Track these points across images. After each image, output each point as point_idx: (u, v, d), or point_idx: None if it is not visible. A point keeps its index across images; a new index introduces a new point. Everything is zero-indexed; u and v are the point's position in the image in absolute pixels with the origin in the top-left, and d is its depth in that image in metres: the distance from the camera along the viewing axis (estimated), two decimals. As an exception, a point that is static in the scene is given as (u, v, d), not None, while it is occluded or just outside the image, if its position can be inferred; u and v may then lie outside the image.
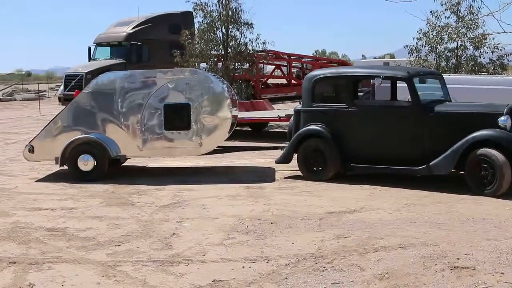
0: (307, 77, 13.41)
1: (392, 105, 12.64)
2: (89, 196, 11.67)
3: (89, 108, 13.47)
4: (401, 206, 10.11)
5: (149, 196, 11.53)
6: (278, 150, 13.88)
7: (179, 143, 13.28)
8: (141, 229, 9.12)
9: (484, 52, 21.84)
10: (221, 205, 10.60)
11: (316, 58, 44.72)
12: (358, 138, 12.20)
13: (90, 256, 7.92)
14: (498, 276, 6.75)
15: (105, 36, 30.69)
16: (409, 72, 12.24)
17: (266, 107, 22.58)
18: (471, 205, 10.10)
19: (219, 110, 13.24)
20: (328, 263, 7.30)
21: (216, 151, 14.33)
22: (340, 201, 10.58)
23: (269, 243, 8.21)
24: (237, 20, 23.74)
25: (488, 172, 10.71)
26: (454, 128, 11.29)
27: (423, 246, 7.87)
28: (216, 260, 7.59)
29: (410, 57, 23.27)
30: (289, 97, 30.31)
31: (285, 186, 12.15)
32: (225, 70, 23.70)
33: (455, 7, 21.61)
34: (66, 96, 27.25)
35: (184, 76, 13.47)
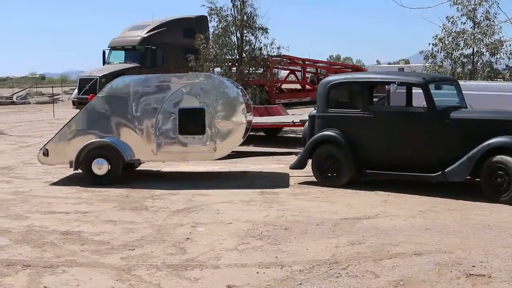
0: (322, 83, 13.38)
1: (407, 111, 12.59)
2: (103, 200, 11.68)
3: (103, 112, 13.49)
4: (416, 213, 10.06)
5: (163, 200, 11.52)
6: (292, 155, 13.90)
7: (193, 148, 13.27)
8: (155, 234, 9.11)
9: (501, 58, 21.73)
10: (235, 210, 10.58)
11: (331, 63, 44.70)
12: (372, 144, 12.15)
13: (104, 260, 7.92)
14: (515, 284, 6.69)
15: (119, 40, 30.75)
16: (424, 78, 12.18)
17: (280, 112, 22.55)
18: (486, 212, 10.03)
19: (233, 115, 13.23)
20: (343, 270, 7.27)
21: (230, 156, 14.35)
22: (355, 207, 10.54)
23: (283, 248, 8.19)
24: (252, 25, 23.74)
25: (504, 179, 10.64)
26: (469, 135, 11.23)
27: (438, 253, 7.82)
28: (230, 265, 7.57)
29: (425, 63, 23.19)
30: (303, 102, 30.26)
31: (299, 191, 12.12)
32: (240, 75, 23.69)
33: (471, 13, 21.52)
34: (80, 100, 27.35)
35: (198, 81, 13.47)
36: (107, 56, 30.87)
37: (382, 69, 60.65)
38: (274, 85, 29.41)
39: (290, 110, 26.21)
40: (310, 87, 31.25)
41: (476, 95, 15.16)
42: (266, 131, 22.07)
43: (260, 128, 20.88)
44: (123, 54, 30.27)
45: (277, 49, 24.04)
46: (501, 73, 21.95)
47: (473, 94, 14.98)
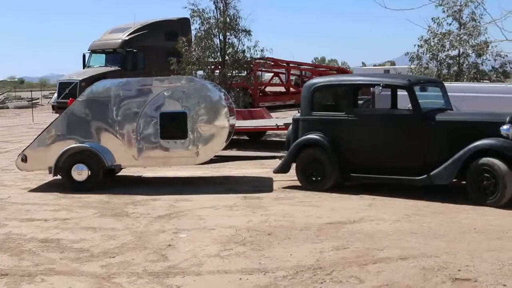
0: (306, 85, 13.28)
1: (392, 114, 12.53)
2: (83, 206, 11.52)
3: (83, 117, 13.32)
4: (401, 217, 9.97)
5: (145, 206, 11.37)
6: (276, 159, 13.79)
7: (175, 153, 13.13)
8: (136, 241, 8.98)
9: (487, 60, 21.77)
10: (218, 216, 10.45)
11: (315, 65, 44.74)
12: (357, 147, 12.06)
13: (84, 268, 7.79)
14: (501, 288, 6.64)
15: (100, 43, 30.56)
16: (409, 80, 12.11)
17: (264, 116, 22.45)
18: (472, 216, 9.96)
19: (216, 118, 13.09)
20: (327, 275, 7.18)
21: (213, 161, 14.21)
22: (339, 212, 10.44)
23: (266, 254, 8.08)
24: (235, 27, 23.60)
25: (490, 182, 10.57)
26: (455, 137, 11.17)
27: (424, 257, 7.75)
28: (212, 272, 7.46)
29: (411, 65, 23.22)
30: (287, 105, 30.21)
31: (283, 196, 12.01)
32: (223, 78, 23.56)
33: (457, 14, 21.53)
34: (60, 104, 27.07)
35: (180, 84, 13.33)
36: (87, 60, 30.65)
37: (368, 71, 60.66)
38: (257, 88, 29.33)
39: (274, 113, 26.18)
40: (294, 89, 31.16)
41: (462, 97, 15.12)
42: (250, 134, 21.95)
43: (244, 131, 20.76)
44: (103, 57, 30.09)
45: (261, 51, 23.92)
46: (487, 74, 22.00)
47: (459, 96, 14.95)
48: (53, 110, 29.29)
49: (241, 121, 19.51)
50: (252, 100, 27.25)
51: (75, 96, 22.18)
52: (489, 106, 14.01)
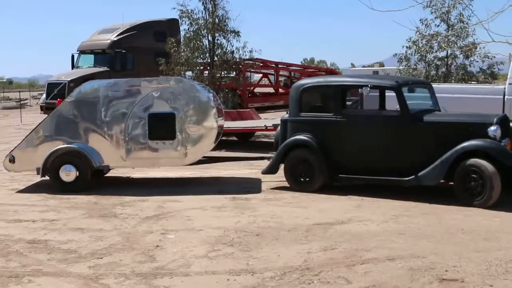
0: (294, 86, 13.29)
1: (380, 115, 12.59)
2: (71, 207, 11.49)
3: (72, 117, 13.29)
4: (389, 218, 9.99)
5: (133, 207, 11.35)
6: (264, 160, 13.75)
7: (164, 153, 13.12)
8: (124, 241, 8.96)
9: (475, 61, 21.83)
10: (206, 217, 10.44)
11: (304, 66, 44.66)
12: (346, 148, 12.07)
13: (71, 269, 7.77)
14: (487, 289, 6.67)
15: (88, 44, 30.51)
16: (397, 81, 12.13)
17: (252, 117, 22.46)
18: (460, 217, 9.99)
19: (204, 119, 13.09)
20: (315, 276, 7.19)
21: (201, 162, 14.21)
22: (328, 213, 10.44)
23: (254, 255, 8.08)
24: (223, 28, 23.62)
25: (478, 183, 10.60)
26: (443, 138, 11.20)
27: (411, 258, 7.76)
28: (200, 273, 7.45)
29: (399, 66, 23.25)
30: (276, 106, 30.19)
31: (271, 197, 12.00)
32: (211, 79, 23.57)
33: (445, 15, 21.57)
34: (48, 105, 27.03)
35: (169, 85, 13.31)
36: (76, 60, 30.59)
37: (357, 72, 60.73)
38: (246, 89, 29.32)
39: (263, 114, 26.17)
40: (283, 90, 31.16)
41: (450, 98, 15.17)
42: (238, 135, 21.94)
43: (232, 132, 20.75)
44: (92, 58, 30.06)
45: (249, 52, 23.97)
46: (475, 75, 22.05)
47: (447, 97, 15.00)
48: (42, 110, 29.23)
49: (230, 122, 19.51)
50: (241, 101, 27.24)
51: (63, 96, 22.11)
52: (477, 107, 14.08)
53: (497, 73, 22.57)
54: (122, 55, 29.04)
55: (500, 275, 7.07)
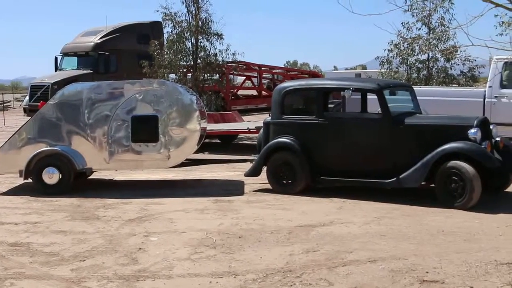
0: (276, 89, 13.32)
1: (362, 117, 12.63)
2: (54, 210, 11.46)
3: (54, 120, 13.25)
4: (371, 220, 10.04)
5: (116, 210, 11.34)
6: (247, 162, 13.79)
7: (147, 156, 13.11)
8: (106, 244, 8.96)
9: (455, 64, 21.96)
10: (189, 219, 10.45)
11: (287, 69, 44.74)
12: (328, 150, 12.11)
13: (54, 272, 7.76)
14: (468, 290, 6.72)
15: (72, 46, 30.44)
16: (379, 84, 12.19)
17: (235, 119, 22.47)
18: (441, 218, 10.05)
19: (187, 122, 13.10)
20: (297, 278, 7.22)
21: (184, 164, 14.21)
22: (310, 215, 10.48)
23: (237, 257, 8.10)
24: (206, 30, 23.65)
25: (458, 185, 10.68)
26: (424, 141, 11.27)
27: (393, 259, 7.81)
28: (183, 275, 7.47)
29: (381, 69, 23.33)
30: (259, 109, 30.23)
31: (254, 199, 12.03)
32: (195, 81, 23.58)
33: (426, 19, 21.69)
34: (31, 107, 26.91)
35: (152, 88, 13.30)
36: (59, 62, 30.52)
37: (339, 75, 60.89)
38: (230, 91, 29.34)
39: (247, 117, 26.20)
40: (266, 93, 31.21)
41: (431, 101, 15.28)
42: (221, 138, 21.95)
43: (215, 135, 20.76)
44: (75, 60, 29.99)
45: (232, 55, 24.00)
46: (456, 78, 22.17)
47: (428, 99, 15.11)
48: (25, 113, 29.08)
49: (213, 125, 19.55)
50: (224, 104, 27.26)
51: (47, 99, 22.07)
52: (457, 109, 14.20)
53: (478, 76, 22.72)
54: (105, 58, 28.99)
55: (480, 276, 7.13)
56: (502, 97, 15.49)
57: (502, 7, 7.32)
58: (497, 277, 7.08)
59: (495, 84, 15.62)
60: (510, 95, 15.38)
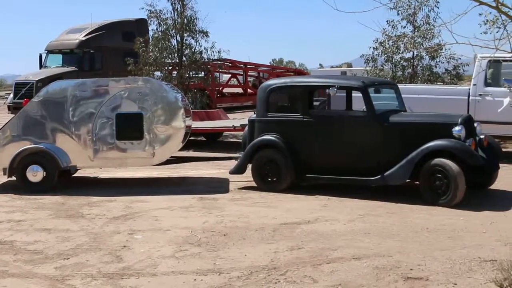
0: (261, 87, 13.32)
1: (347, 115, 12.67)
2: (38, 208, 11.41)
3: (39, 117, 13.19)
4: (355, 217, 10.06)
5: (100, 207, 11.31)
6: (232, 160, 13.75)
7: (132, 153, 13.09)
8: (91, 242, 8.93)
9: (440, 62, 22.05)
10: (174, 217, 10.44)
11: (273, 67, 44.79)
12: (313, 148, 12.13)
13: (37, 270, 7.74)
14: (451, 287, 6.78)
15: (57, 43, 30.33)
16: (364, 82, 12.21)
17: (221, 117, 22.46)
18: (425, 216, 10.09)
19: (172, 119, 13.08)
20: (281, 275, 7.23)
21: (169, 161, 14.19)
22: (295, 212, 10.49)
23: (221, 255, 8.10)
24: (192, 28, 23.58)
25: (443, 182, 10.72)
26: (409, 138, 11.29)
27: (377, 257, 7.84)
28: (167, 273, 7.46)
29: (366, 67, 23.39)
30: (245, 107, 30.25)
31: (239, 197, 12.03)
32: (180, 79, 23.53)
33: (411, 17, 21.76)
34: (15, 105, 26.83)
35: (137, 85, 13.27)
36: (44, 60, 30.40)
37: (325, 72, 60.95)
38: (215, 89, 29.34)
39: (232, 115, 26.18)
40: (252, 91, 31.24)
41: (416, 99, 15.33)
42: (207, 135, 21.93)
43: (200, 132, 20.74)
44: (60, 57, 29.89)
45: (218, 52, 23.96)
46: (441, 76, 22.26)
47: (413, 97, 15.15)
48: (9, 110, 28.95)
49: (198, 122, 19.52)
50: (209, 101, 27.26)
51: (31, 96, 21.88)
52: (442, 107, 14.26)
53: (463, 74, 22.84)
54: (90, 55, 28.92)
55: (464, 273, 7.17)
56: (486, 95, 15.57)
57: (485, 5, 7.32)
58: (480, 274, 7.12)
59: (479, 82, 15.69)
60: (494, 93, 15.47)
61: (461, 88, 16.96)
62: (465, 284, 6.84)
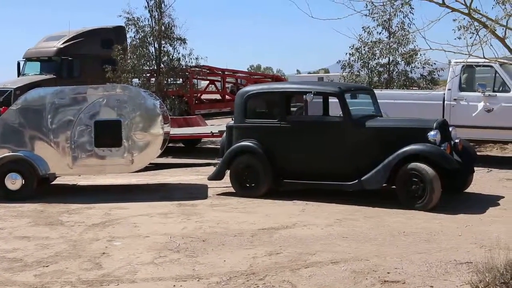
0: (239, 93, 13.39)
1: (323, 121, 12.76)
2: (17, 216, 11.38)
3: (17, 125, 13.17)
4: (333, 221, 10.14)
5: (79, 215, 11.30)
6: (211, 166, 13.78)
7: (110, 161, 13.09)
8: (70, 249, 8.93)
9: (416, 67, 22.24)
10: (153, 223, 10.47)
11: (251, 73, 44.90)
12: (290, 154, 12.20)
13: (17, 277, 7.72)
14: (428, 289, 6.83)
15: (35, 51, 30.15)
16: (340, 87, 12.32)
17: (199, 123, 22.47)
18: (402, 219, 10.19)
19: (150, 126, 13.11)
20: (260, 280, 7.28)
21: (148, 168, 14.20)
22: (273, 217, 10.56)
23: (200, 261, 8.14)
24: (170, 35, 23.62)
25: (419, 186, 10.83)
26: (385, 143, 11.39)
27: (354, 261, 7.91)
28: (146, 279, 7.49)
29: (343, 72, 23.52)
30: (223, 113, 30.33)
31: (217, 203, 12.07)
32: (158, 86, 23.54)
33: (386, 23, 21.92)
34: None
35: (115, 92, 13.30)
36: (22, 68, 30.19)
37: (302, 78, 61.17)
38: (193, 95, 29.37)
39: (210, 121, 26.20)
40: (230, 97, 31.30)
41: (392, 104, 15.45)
42: (185, 142, 21.94)
43: (179, 139, 20.75)
44: (38, 65, 29.67)
45: (196, 59, 24.03)
46: (416, 82, 22.45)
47: (389, 102, 15.28)
48: (-14, 118, 28.70)
49: (176, 129, 19.53)
50: (187, 108, 27.28)
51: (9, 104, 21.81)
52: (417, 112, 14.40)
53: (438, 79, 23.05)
54: (68, 63, 28.76)
55: (440, 276, 7.26)
56: (461, 99, 15.72)
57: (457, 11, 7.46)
58: (456, 277, 7.21)
59: (454, 87, 15.84)
60: (469, 98, 15.62)
61: (436, 93, 17.13)
62: (441, 286, 6.93)
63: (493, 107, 15.27)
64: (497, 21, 7.49)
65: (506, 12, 7.42)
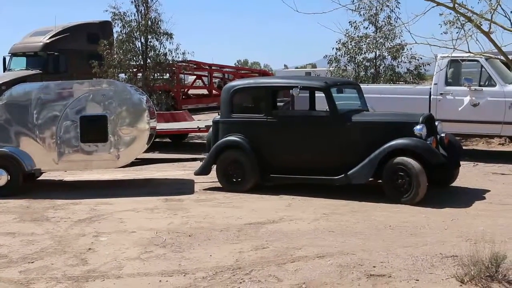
0: (225, 88, 13.37)
1: (310, 115, 12.78)
2: (2, 212, 11.35)
3: (2, 121, 13.11)
4: (319, 216, 10.15)
5: (65, 210, 11.27)
6: (197, 161, 13.76)
7: (96, 156, 13.05)
8: (56, 245, 8.91)
9: (402, 62, 22.30)
10: (139, 219, 10.45)
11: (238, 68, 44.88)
12: (277, 148, 12.20)
13: (1, 274, 7.70)
14: (413, 283, 6.88)
15: (20, 46, 30.05)
16: (326, 82, 12.32)
17: (186, 118, 22.44)
18: (388, 213, 10.22)
19: (137, 121, 13.08)
20: (246, 275, 7.28)
21: (134, 163, 14.15)
22: (259, 212, 10.56)
23: (187, 256, 8.14)
24: (156, 30, 23.56)
25: (405, 180, 10.86)
26: (371, 137, 11.41)
27: (341, 255, 7.92)
28: (132, 275, 7.48)
29: (329, 67, 23.54)
30: (210, 108, 30.30)
31: (204, 198, 12.07)
32: (145, 81, 23.50)
33: (373, 18, 21.96)
34: None
35: (101, 87, 13.25)
36: (7, 63, 30.11)
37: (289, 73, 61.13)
38: (180, 90, 29.33)
39: (197, 116, 26.19)
40: (217, 92, 31.25)
41: (378, 98, 15.50)
42: (172, 137, 21.92)
43: (166, 134, 20.73)
44: (24, 60, 29.57)
45: (182, 54, 23.99)
46: (403, 76, 22.50)
47: (375, 97, 15.32)
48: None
49: (163, 124, 19.53)
50: (174, 103, 27.24)
51: (-5, 100, 21.77)
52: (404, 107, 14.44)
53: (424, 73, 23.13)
54: (54, 58, 28.66)
55: (426, 269, 7.28)
56: (447, 94, 15.77)
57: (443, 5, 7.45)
58: (442, 270, 7.23)
59: (440, 81, 15.90)
60: (455, 92, 15.67)
61: (423, 88, 17.19)
62: (427, 280, 6.95)
63: (479, 101, 15.34)
64: (482, 15, 7.49)
65: (491, 7, 7.41)
